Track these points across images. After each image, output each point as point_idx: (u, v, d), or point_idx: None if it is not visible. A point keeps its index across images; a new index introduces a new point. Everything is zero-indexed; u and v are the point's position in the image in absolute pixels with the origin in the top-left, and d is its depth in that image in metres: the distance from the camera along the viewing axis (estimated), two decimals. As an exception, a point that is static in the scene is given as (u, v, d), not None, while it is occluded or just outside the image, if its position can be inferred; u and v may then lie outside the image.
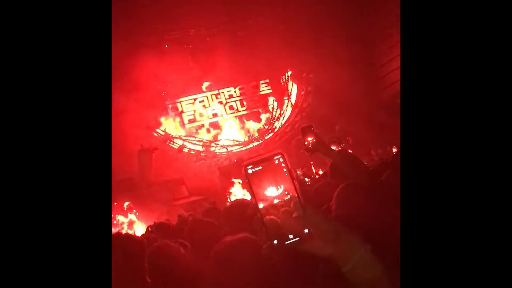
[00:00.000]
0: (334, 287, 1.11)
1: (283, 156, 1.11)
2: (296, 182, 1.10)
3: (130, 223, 9.24)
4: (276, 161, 1.11)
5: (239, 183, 10.81)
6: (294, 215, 1.06)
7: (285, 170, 1.10)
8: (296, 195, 1.08)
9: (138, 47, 13.15)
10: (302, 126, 2.48)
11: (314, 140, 2.28)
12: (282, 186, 1.10)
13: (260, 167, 1.11)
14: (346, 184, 2.49)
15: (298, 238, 1.04)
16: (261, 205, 1.09)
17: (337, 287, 1.08)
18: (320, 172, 8.35)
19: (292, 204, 1.08)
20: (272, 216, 1.08)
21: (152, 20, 12.59)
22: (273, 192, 1.10)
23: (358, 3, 14.03)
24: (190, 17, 13.23)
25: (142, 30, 12.97)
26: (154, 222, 4.89)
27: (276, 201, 1.09)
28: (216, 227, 2.57)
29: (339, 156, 2.39)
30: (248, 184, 1.11)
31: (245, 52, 14.94)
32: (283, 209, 1.07)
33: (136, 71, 12.87)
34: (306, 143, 2.31)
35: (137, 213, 9.35)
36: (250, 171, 1.11)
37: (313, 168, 10.39)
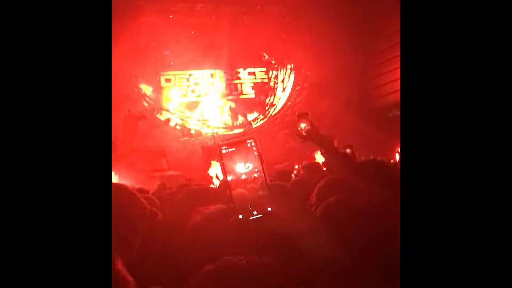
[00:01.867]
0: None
1: (255, 141, 1.24)
2: (264, 165, 1.22)
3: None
4: (248, 145, 1.24)
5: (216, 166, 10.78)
6: (259, 194, 1.19)
7: (255, 153, 1.23)
8: (263, 175, 1.21)
9: (142, 10, 12.89)
10: (298, 112, 2.44)
11: (308, 128, 2.24)
12: (251, 165, 1.23)
13: (234, 149, 1.24)
14: (330, 177, 2.43)
15: (261, 215, 1.17)
16: (231, 181, 1.21)
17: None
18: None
19: (258, 184, 1.20)
20: (240, 191, 1.20)
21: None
22: (241, 169, 1.23)
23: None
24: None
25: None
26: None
27: (243, 177, 1.22)
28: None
29: (331, 146, 2.35)
30: (221, 162, 1.23)
31: (247, 37, 14.81)
32: (250, 186, 1.19)
33: (136, 35, 12.62)
34: (299, 129, 2.27)
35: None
36: (224, 151, 1.23)
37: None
